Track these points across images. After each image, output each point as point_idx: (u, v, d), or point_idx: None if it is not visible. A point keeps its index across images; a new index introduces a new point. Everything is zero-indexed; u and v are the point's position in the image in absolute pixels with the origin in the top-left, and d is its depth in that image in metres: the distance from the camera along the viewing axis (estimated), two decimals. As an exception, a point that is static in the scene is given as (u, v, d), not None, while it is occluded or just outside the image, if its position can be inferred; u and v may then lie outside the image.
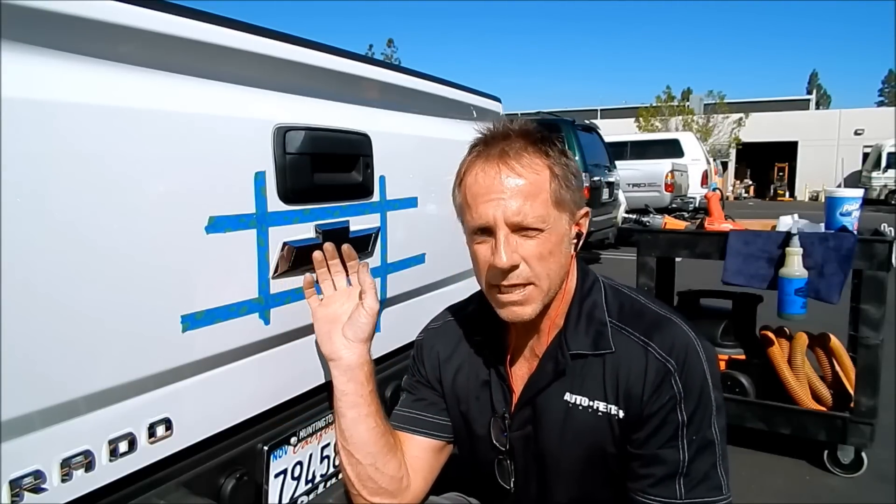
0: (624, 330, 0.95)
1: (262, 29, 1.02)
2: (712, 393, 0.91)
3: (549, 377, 0.97)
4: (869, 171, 22.58)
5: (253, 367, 1.04)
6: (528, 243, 0.90)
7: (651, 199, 9.37)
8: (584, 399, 0.95)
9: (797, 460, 2.46)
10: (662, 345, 0.92)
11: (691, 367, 0.91)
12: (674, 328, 0.94)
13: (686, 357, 0.91)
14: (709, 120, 25.72)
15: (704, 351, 0.93)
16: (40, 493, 0.73)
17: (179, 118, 0.88)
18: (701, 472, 0.90)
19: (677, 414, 0.89)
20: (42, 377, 0.73)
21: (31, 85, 0.70)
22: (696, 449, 0.90)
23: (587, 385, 0.95)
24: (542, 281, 0.92)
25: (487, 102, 1.80)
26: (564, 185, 0.92)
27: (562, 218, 0.93)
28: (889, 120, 22.10)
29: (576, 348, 0.95)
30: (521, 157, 0.91)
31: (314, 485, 1.24)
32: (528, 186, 0.90)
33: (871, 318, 2.17)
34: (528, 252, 0.90)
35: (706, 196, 2.98)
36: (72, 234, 0.74)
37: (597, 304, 0.98)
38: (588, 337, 0.96)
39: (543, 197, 0.90)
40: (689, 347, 0.92)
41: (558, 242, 0.92)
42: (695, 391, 0.90)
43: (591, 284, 1.01)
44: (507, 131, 0.95)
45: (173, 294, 0.88)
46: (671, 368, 0.90)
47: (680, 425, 0.89)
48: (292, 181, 1.06)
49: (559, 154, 0.94)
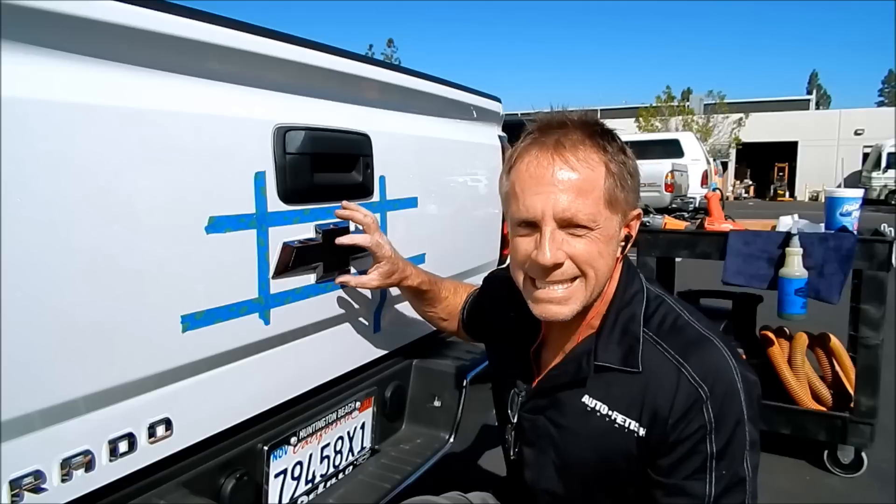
0: (659, 345, 0.89)
1: (262, 29, 1.02)
2: (747, 427, 0.84)
3: (569, 378, 0.94)
4: (869, 172, 22.55)
5: (253, 367, 1.04)
6: (574, 241, 0.86)
7: (651, 199, 9.36)
8: (605, 407, 0.90)
9: (797, 460, 2.46)
10: (698, 368, 0.85)
11: (726, 398, 0.84)
12: (713, 352, 0.87)
13: (722, 385, 0.84)
14: (709, 120, 25.69)
15: (744, 381, 0.86)
16: (40, 493, 0.73)
17: (179, 118, 0.88)
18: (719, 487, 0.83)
19: (706, 445, 0.83)
20: (42, 377, 0.73)
21: (31, 85, 0.71)
22: (725, 485, 0.84)
23: (610, 393, 0.91)
24: (589, 281, 0.87)
25: (487, 102, 1.80)
26: (620, 185, 0.87)
27: (613, 219, 0.87)
28: (889, 120, 22.07)
29: (603, 360, 0.91)
30: (577, 149, 0.85)
31: (314, 485, 1.24)
32: (582, 182, 0.84)
33: (871, 318, 2.17)
34: (574, 251, 0.86)
35: (706, 196, 2.98)
36: (72, 234, 0.74)
37: (635, 317, 0.92)
38: (619, 350, 0.90)
39: (596, 195, 0.85)
40: (726, 376, 0.85)
41: (606, 243, 0.87)
42: (728, 424, 0.83)
43: (633, 293, 0.95)
44: (565, 120, 0.89)
45: (173, 294, 0.88)
46: (703, 395, 0.84)
47: (708, 457, 0.83)
48: (292, 181, 1.06)
49: (618, 150, 0.88)
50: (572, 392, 0.94)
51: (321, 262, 1.15)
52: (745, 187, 28.44)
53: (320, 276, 1.16)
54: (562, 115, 0.90)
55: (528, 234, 0.88)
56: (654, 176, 10.07)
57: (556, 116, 0.91)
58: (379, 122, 1.31)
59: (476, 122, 1.74)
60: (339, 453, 1.31)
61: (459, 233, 1.70)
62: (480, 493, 1.23)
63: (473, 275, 1.73)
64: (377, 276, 1.23)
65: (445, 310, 1.35)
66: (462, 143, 1.66)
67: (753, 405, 0.86)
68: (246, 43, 0.98)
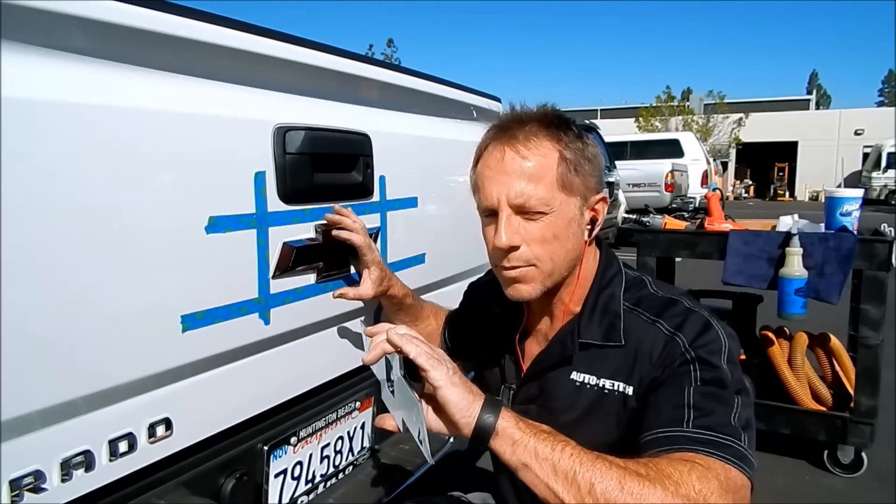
0: (636, 311, 0.94)
1: (262, 29, 1.02)
2: (729, 368, 0.85)
3: (555, 360, 0.98)
4: (869, 172, 22.54)
5: (253, 367, 1.04)
6: (530, 226, 0.91)
7: (651, 199, 9.35)
8: (592, 378, 0.94)
9: (797, 460, 2.46)
10: (671, 322, 0.90)
11: (705, 341, 0.87)
12: (686, 309, 0.92)
13: (698, 332, 0.88)
14: (709, 120, 25.70)
15: (722, 329, 0.89)
16: (40, 493, 0.73)
17: (179, 118, 0.88)
18: (712, 411, 0.82)
19: (690, 372, 0.85)
20: (42, 377, 0.73)
21: (31, 85, 0.71)
22: (711, 396, 0.83)
23: (595, 365, 0.95)
24: (544, 264, 0.92)
25: (487, 102, 1.80)
26: (573, 169, 0.91)
27: (570, 202, 0.92)
28: (889, 120, 22.06)
29: (587, 337, 0.95)
30: (530, 140, 0.91)
31: (314, 485, 1.24)
32: (533, 169, 0.90)
33: (871, 318, 2.17)
34: (529, 234, 0.91)
35: (706, 196, 2.98)
36: (71, 234, 0.74)
37: (614, 296, 0.97)
38: (601, 328, 0.95)
39: (549, 179, 0.90)
40: (702, 324, 0.89)
41: (564, 226, 0.92)
42: (711, 361, 0.85)
43: (612, 275, 1.00)
44: (522, 115, 0.95)
45: (173, 294, 0.88)
46: (679, 341, 0.88)
47: (693, 379, 0.84)
48: (292, 181, 1.06)
49: (574, 138, 0.93)
50: (560, 372, 0.98)
51: (321, 262, 1.15)
52: (745, 187, 28.45)
53: (320, 276, 1.16)
54: (520, 112, 0.97)
55: (491, 222, 0.95)
56: (654, 176, 10.07)
57: (514, 113, 0.97)
58: (379, 122, 1.31)
59: (476, 122, 1.74)
60: (339, 453, 1.31)
61: (459, 233, 1.70)
62: (480, 494, 1.23)
63: (473, 275, 1.72)
64: (371, 285, 1.20)
65: (426, 329, 1.31)
66: (462, 143, 1.65)
67: (736, 353, 0.88)
68: (246, 43, 0.98)
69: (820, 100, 50.13)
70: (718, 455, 0.77)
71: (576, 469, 0.72)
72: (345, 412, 1.30)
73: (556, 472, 0.73)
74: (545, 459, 0.74)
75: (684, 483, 0.72)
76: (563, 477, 0.73)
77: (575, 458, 0.73)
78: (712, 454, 0.77)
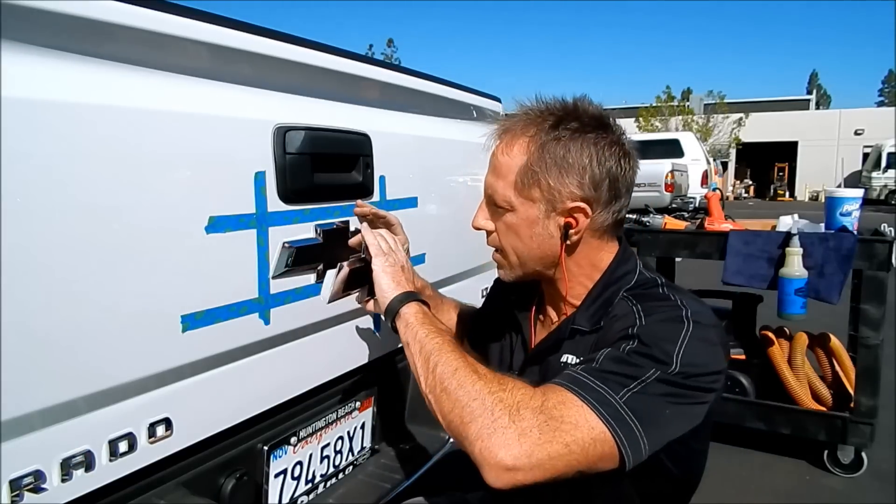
0: (628, 300, 0.93)
1: (262, 29, 1.02)
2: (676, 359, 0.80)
3: (552, 342, 1.01)
4: (869, 172, 22.54)
5: (253, 367, 1.04)
6: (498, 215, 0.97)
7: (651, 199, 9.32)
8: (574, 358, 0.95)
9: (797, 460, 2.46)
10: (645, 307, 0.88)
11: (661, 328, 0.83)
12: (669, 301, 0.89)
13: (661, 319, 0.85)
14: (709, 120, 25.70)
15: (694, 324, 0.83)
16: (40, 493, 0.73)
17: (180, 118, 0.88)
18: (608, 369, 0.80)
19: (621, 342, 0.83)
20: (42, 377, 0.73)
21: (31, 85, 0.71)
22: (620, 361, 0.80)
23: (579, 346, 0.96)
24: (509, 255, 0.98)
25: (487, 102, 1.80)
26: (532, 178, 0.90)
27: (532, 206, 0.93)
28: (889, 120, 22.05)
29: (578, 324, 0.97)
30: (512, 136, 0.94)
31: (314, 485, 1.24)
32: (501, 166, 0.95)
33: (871, 318, 2.17)
34: (497, 225, 0.98)
35: (706, 196, 2.98)
36: (71, 234, 0.74)
37: (617, 292, 0.96)
38: (593, 317, 0.96)
39: (509, 180, 0.93)
40: (672, 315, 0.85)
41: (525, 226, 0.95)
42: (650, 343, 0.81)
43: (624, 273, 0.98)
44: (522, 111, 0.97)
45: (173, 294, 0.88)
46: (637, 321, 0.85)
47: (618, 348, 0.82)
48: (292, 181, 1.06)
49: (555, 145, 0.90)
50: (556, 356, 0.99)
51: (321, 262, 1.15)
52: (745, 187, 28.44)
53: (320, 276, 1.16)
54: (527, 107, 0.97)
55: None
56: (654, 176, 10.07)
57: (524, 107, 0.98)
58: (379, 122, 1.31)
59: (476, 122, 1.74)
60: (339, 453, 1.31)
61: (459, 233, 1.69)
62: (480, 494, 1.23)
63: (474, 275, 1.73)
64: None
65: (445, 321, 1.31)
66: (462, 143, 1.66)
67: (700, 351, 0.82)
68: (246, 43, 0.98)
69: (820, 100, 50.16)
70: (580, 393, 0.77)
71: (432, 353, 0.86)
72: (345, 412, 1.30)
73: (420, 353, 0.89)
74: (418, 342, 0.90)
75: (512, 390, 0.78)
76: (423, 357, 0.88)
77: (438, 345, 0.87)
78: (572, 389, 0.77)
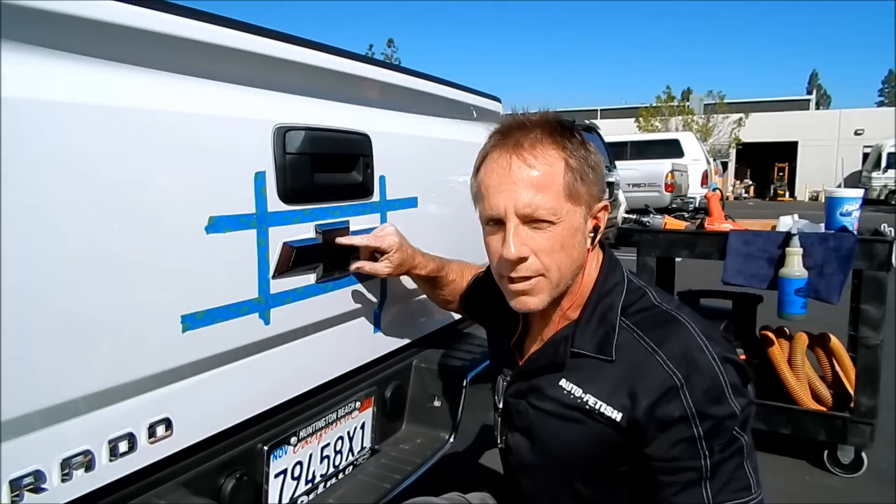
0: (635, 333, 0.92)
1: (262, 29, 1.02)
2: (732, 400, 0.85)
3: (547, 361, 0.98)
4: (869, 172, 22.51)
5: (253, 367, 1.04)
6: (538, 235, 0.90)
7: (651, 199, 9.35)
8: (579, 390, 0.93)
9: (797, 460, 2.46)
10: (671, 355, 0.87)
11: (702, 379, 0.85)
12: (688, 337, 0.89)
13: (697, 368, 0.86)
14: (709, 120, 25.68)
15: (717, 358, 0.87)
16: (40, 493, 0.73)
17: (179, 118, 0.88)
18: (727, 473, 0.85)
19: (692, 427, 0.84)
20: (42, 377, 0.73)
21: (31, 85, 0.71)
22: (720, 451, 0.84)
23: (584, 378, 0.93)
24: (552, 274, 0.92)
25: (487, 102, 1.80)
26: (579, 178, 0.90)
27: (576, 211, 0.91)
28: (889, 120, 22.06)
29: (579, 346, 0.94)
30: (535, 147, 0.90)
31: (314, 485, 1.24)
32: (541, 178, 0.89)
33: (871, 318, 2.17)
34: (538, 245, 0.90)
35: (706, 196, 2.98)
36: (72, 234, 0.74)
37: (613, 307, 0.95)
38: (595, 338, 0.94)
39: (556, 189, 0.89)
40: (698, 358, 0.86)
41: (570, 236, 0.91)
42: (708, 404, 0.84)
43: (613, 284, 0.98)
44: (525, 121, 0.93)
45: (173, 294, 0.88)
46: (677, 383, 0.85)
47: (697, 438, 0.84)
48: (292, 181, 1.06)
49: (578, 146, 0.92)
50: (551, 377, 0.97)
51: (321, 262, 1.15)
52: (745, 187, 28.43)
53: (320, 276, 1.16)
54: (522, 117, 0.95)
55: (495, 231, 0.93)
56: (654, 176, 10.07)
57: (516, 118, 0.96)
58: (379, 122, 1.31)
59: (476, 122, 1.74)
60: (339, 453, 1.31)
61: (459, 233, 1.70)
62: (480, 494, 1.23)
63: (473, 275, 1.73)
64: (389, 265, 1.27)
65: (452, 293, 1.41)
66: (462, 143, 1.66)
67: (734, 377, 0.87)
68: (246, 43, 0.98)
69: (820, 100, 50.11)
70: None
71: None
72: (345, 412, 1.30)
73: None
74: None
75: None
76: None
77: None
78: None
